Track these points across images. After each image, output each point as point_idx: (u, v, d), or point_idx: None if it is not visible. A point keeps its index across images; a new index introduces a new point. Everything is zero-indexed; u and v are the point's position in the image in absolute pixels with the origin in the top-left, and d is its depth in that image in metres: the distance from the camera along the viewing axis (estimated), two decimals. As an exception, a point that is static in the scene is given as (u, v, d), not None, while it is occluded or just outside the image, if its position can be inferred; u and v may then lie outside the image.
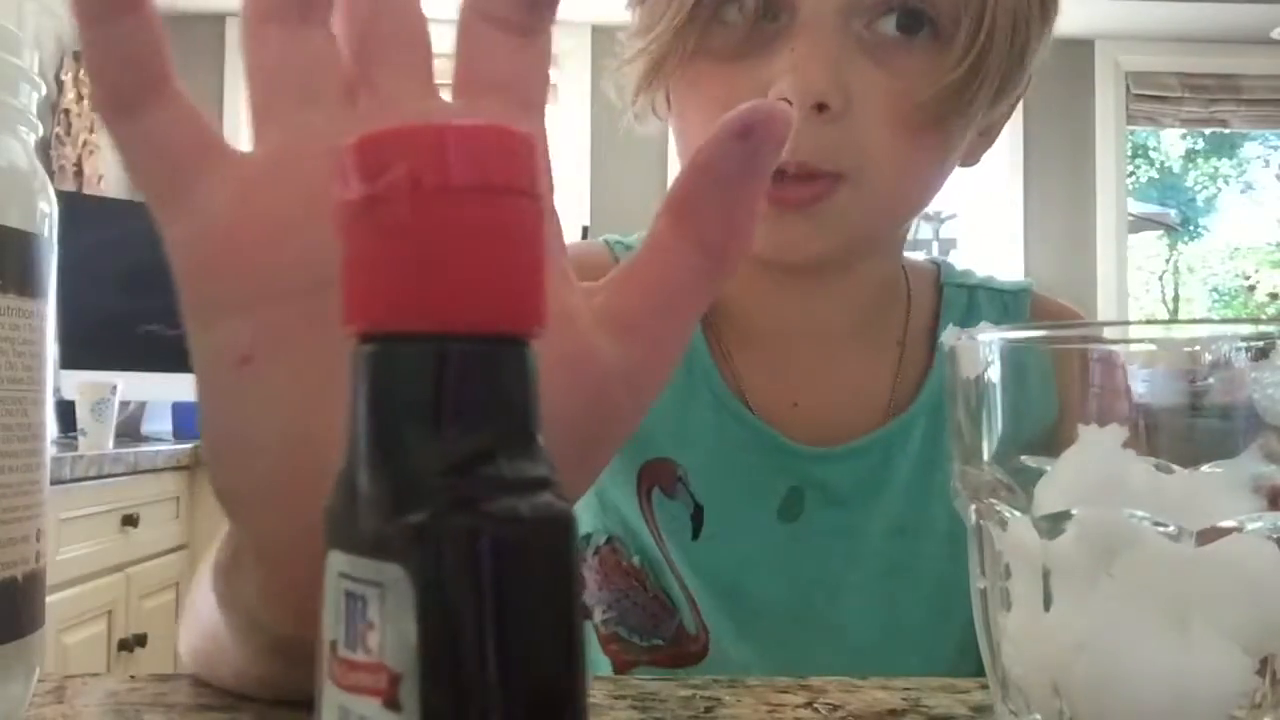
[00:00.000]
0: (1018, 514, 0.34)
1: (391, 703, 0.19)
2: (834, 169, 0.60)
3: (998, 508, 0.35)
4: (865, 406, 0.71)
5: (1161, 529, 0.32)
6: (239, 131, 3.73)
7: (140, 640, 2.34)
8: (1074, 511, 0.33)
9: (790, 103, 0.58)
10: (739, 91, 0.60)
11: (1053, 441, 0.34)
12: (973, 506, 0.37)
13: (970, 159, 0.71)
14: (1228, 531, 0.32)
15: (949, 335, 0.38)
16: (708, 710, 0.43)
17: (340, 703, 0.21)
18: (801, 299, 0.70)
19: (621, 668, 0.71)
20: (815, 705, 0.44)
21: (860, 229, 0.64)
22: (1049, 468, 0.34)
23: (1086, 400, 0.34)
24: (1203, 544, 0.31)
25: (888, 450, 0.70)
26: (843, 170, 0.60)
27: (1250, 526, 0.32)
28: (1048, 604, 0.33)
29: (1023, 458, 0.34)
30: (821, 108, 0.59)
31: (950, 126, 0.62)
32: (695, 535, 0.70)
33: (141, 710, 0.42)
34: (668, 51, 0.62)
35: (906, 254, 0.77)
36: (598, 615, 0.72)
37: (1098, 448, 0.32)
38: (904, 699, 0.45)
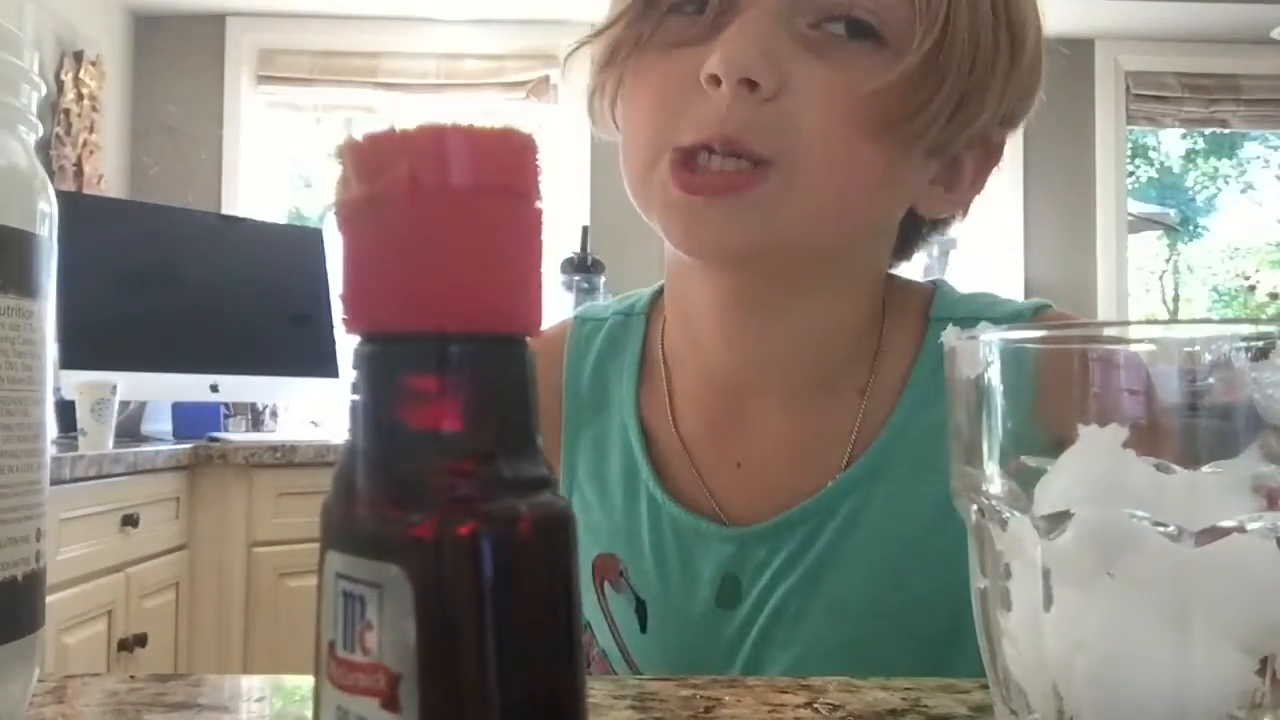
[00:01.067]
0: (1018, 514, 0.34)
1: (390, 703, 0.19)
2: (763, 151, 0.57)
3: (998, 508, 0.35)
4: (818, 464, 0.66)
5: (1161, 529, 0.32)
6: (238, 131, 3.71)
7: (140, 640, 2.33)
8: (1074, 511, 0.33)
9: (719, 81, 0.57)
10: (675, 76, 0.59)
11: (1053, 441, 0.34)
12: (973, 506, 0.37)
13: (931, 206, 0.66)
14: (1228, 531, 0.32)
15: (949, 335, 0.38)
16: (708, 710, 0.43)
17: (338, 703, 0.20)
18: (753, 343, 0.66)
19: None
20: (815, 705, 0.44)
21: (787, 228, 0.59)
22: (1049, 468, 0.34)
23: (1087, 400, 0.34)
24: (1203, 544, 0.31)
25: (823, 519, 0.65)
26: (771, 155, 0.57)
27: (1250, 526, 0.32)
28: (1048, 604, 0.33)
29: (1023, 458, 0.34)
30: (752, 86, 0.57)
31: (895, 135, 0.58)
32: (643, 628, 0.67)
33: (141, 710, 0.42)
34: (622, 39, 0.62)
35: (902, 276, 0.72)
36: None
37: (1098, 448, 0.32)
38: (904, 699, 0.45)
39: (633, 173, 0.63)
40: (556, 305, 3.19)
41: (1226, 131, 4.77)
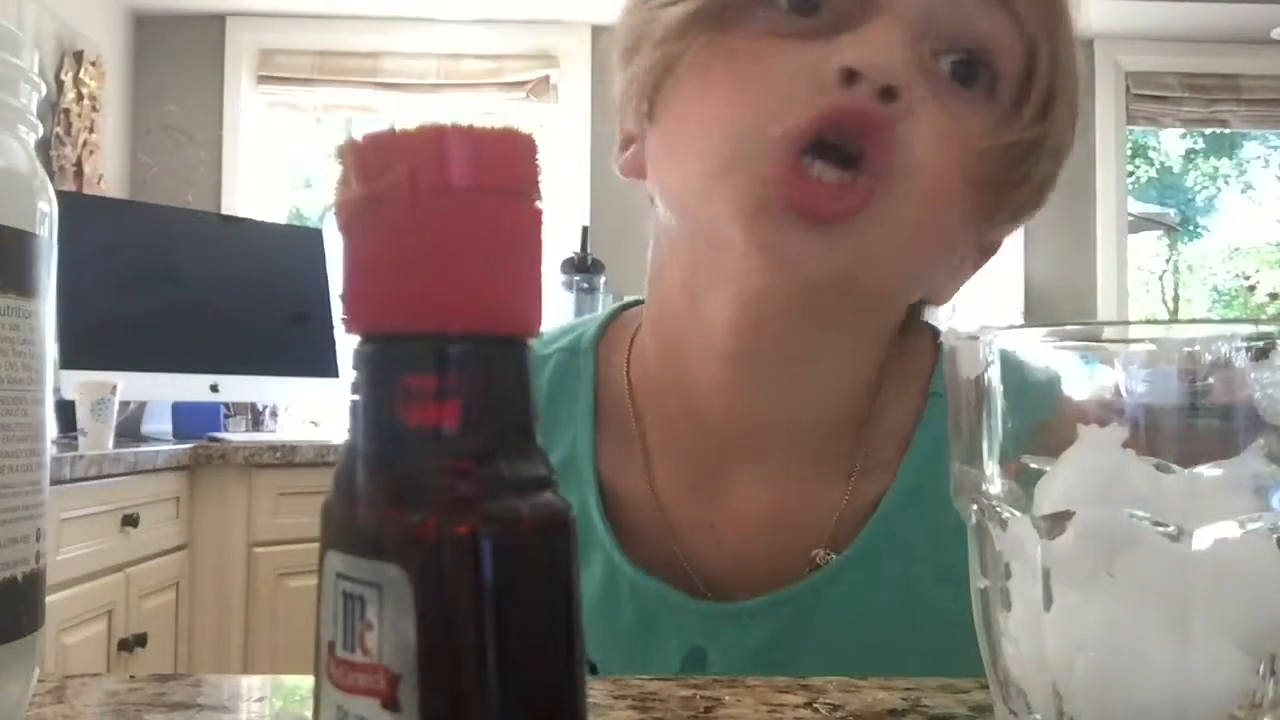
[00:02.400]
0: (1018, 514, 0.34)
1: (390, 703, 0.19)
2: (878, 162, 0.51)
3: (998, 508, 0.35)
4: (798, 539, 0.62)
5: (1161, 529, 0.32)
6: (237, 131, 3.71)
7: (140, 640, 2.33)
8: (1074, 511, 0.33)
9: (853, 77, 0.50)
10: (785, 65, 0.52)
11: (1054, 440, 0.34)
12: (973, 506, 0.37)
13: (942, 287, 0.62)
14: (1228, 531, 0.32)
15: (949, 335, 0.38)
16: (708, 710, 0.43)
17: (338, 703, 0.20)
18: (761, 399, 0.60)
19: None
20: (815, 705, 0.44)
21: (873, 264, 0.54)
22: (1049, 468, 0.34)
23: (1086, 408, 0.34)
24: (1196, 545, 0.31)
25: (805, 606, 0.61)
26: (883, 171, 0.52)
27: (1250, 526, 0.32)
28: (1048, 604, 0.33)
29: (1023, 458, 0.34)
30: (889, 94, 0.50)
31: (986, 200, 0.55)
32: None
33: (141, 710, 0.42)
34: (705, 8, 0.54)
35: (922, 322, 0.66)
36: None
37: (1098, 448, 0.32)
38: (904, 699, 0.45)
39: (700, 167, 0.54)
40: (556, 305, 3.19)
41: (1226, 131, 4.77)
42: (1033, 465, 0.34)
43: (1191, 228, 6.91)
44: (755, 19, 0.54)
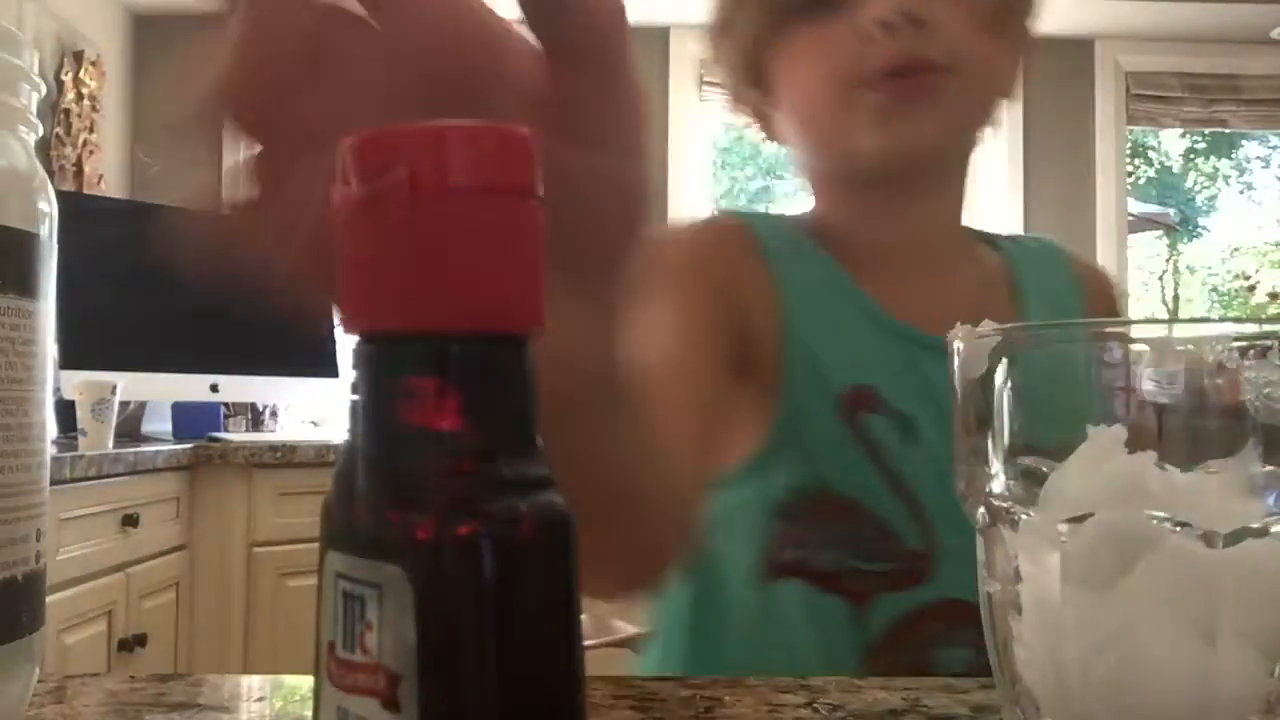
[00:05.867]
0: (1030, 515, 0.34)
1: (390, 703, 0.19)
2: (941, 60, 0.70)
3: (1009, 509, 0.35)
4: (990, 305, 0.75)
5: (1185, 531, 0.31)
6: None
7: (140, 640, 2.33)
8: (1094, 514, 0.32)
9: (891, 24, 0.69)
10: (840, 41, 0.71)
11: (1060, 440, 0.34)
12: (980, 508, 0.36)
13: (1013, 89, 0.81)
14: (1250, 533, 0.31)
15: (951, 335, 0.38)
16: (708, 710, 0.43)
17: (338, 703, 0.20)
18: (902, 219, 0.79)
19: (858, 601, 0.72)
20: (815, 705, 0.44)
21: (965, 118, 0.74)
22: (1056, 468, 0.33)
23: (1092, 400, 0.34)
24: (1225, 546, 0.31)
25: None
26: (945, 64, 0.70)
27: (1274, 529, 0.32)
28: (1063, 607, 0.33)
29: (1029, 458, 0.34)
30: (918, 22, 0.69)
31: (1013, 30, 0.75)
32: (917, 442, 0.72)
33: (141, 710, 0.42)
34: (757, 30, 0.75)
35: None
36: (826, 558, 0.72)
37: (1111, 450, 0.32)
38: (904, 699, 0.45)
39: (815, 115, 0.75)
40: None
41: (1226, 131, 4.77)
42: (1038, 465, 0.34)
43: (1191, 228, 6.90)
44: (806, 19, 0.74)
